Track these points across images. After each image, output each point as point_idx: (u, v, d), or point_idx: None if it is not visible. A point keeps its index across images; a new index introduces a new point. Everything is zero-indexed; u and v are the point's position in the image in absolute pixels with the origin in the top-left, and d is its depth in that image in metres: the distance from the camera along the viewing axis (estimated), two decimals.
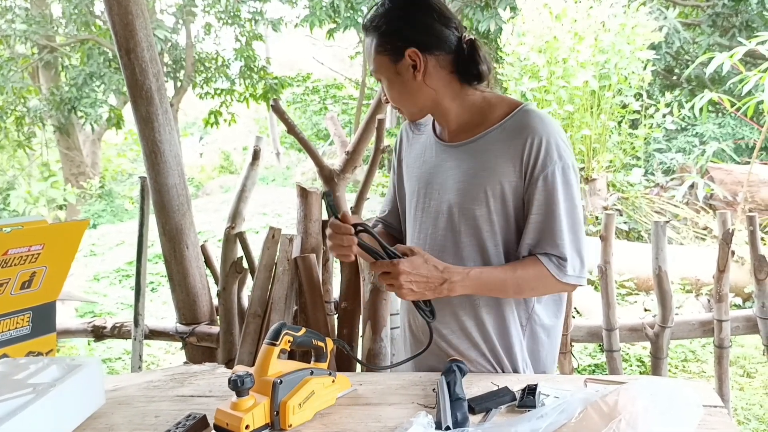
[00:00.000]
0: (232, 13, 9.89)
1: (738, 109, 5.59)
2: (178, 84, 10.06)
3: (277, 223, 7.76)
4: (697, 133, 7.94)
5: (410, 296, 1.23)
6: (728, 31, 8.21)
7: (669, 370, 2.59)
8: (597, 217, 5.91)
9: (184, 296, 2.69)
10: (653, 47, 6.58)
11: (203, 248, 2.71)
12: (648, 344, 2.39)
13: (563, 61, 6.09)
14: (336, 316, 2.25)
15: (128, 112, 3.16)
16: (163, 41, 8.88)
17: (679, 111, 6.35)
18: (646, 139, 6.58)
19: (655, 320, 2.34)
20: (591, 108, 6.26)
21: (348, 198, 3.10)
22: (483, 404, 1.14)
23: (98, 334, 2.90)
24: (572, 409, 1.00)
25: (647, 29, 6.23)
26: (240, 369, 1.10)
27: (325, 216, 2.28)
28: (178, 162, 2.60)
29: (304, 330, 1.19)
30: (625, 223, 6.04)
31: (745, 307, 4.11)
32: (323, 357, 1.25)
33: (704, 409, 1.04)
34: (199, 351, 2.70)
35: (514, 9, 6.90)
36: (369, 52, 1.33)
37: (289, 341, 1.15)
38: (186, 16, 9.68)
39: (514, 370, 1.36)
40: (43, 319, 1.61)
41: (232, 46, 10.03)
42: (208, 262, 2.73)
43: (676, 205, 6.36)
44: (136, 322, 2.66)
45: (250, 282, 2.52)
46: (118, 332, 2.84)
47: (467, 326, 1.34)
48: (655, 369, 2.34)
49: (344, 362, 2.17)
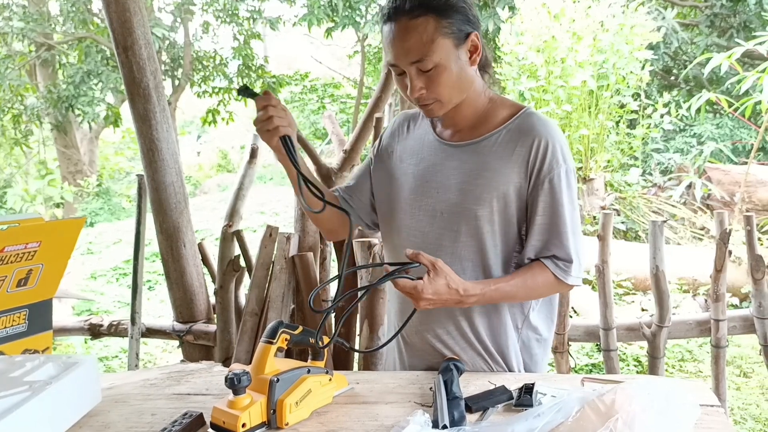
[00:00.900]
0: (230, 12, 9.89)
1: (735, 110, 5.60)
2: (176, 82, 10.06)
3: (274, 222, 7.69)
4: (694, 134, 7.94)
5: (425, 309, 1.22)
6: (726, 32, 8.22)
7: (666, 370, 2.59)
8: (594, 217, 5.91)
9: (181, 294, 2.69)
10: (651, 47, 6.57)
11: (200, 246, 2.70)
12: (645, 344, 2.39)
13: (561, 61, 6.09)
14: (333, 314, 2.25)
15: (126, 110, 3.16)
16: (161, 39, 8.87)
17: (677, 111, 6.35)
18: (643, 139, 6.58)
19: (652, 320, 2.35)
20: (589, 108, 6.26)
21: None
22: (480, 403, 1.14)
23: (95, 332, 2.90)
24: (569, 408, 1.00)
25: (645, 29, 6.22)
26: (237, 367, 1.10)
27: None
28: (175, 160, 2.59)
29: (301, 328, 1.19)
30: (623, 222, 6.04)
31: (742, 307, 4.12)
32: (320, 355, 1.25)
33: (701, 408, 1.04)
34: (196, 349, 2.70)
35: (512, 8, 6.88)
36: (420, 35, 1.17)
37: (286, 339, 1.15)
38: (184, 15, 9.66)
39: (509, 370, 1.36)
40: (39, 316, 1.60)
41: (230, 45, 10.04)
42: (206, 261, 2.72)
43: (673, 205, 6.36)
44: (133, 320, 2.66)
45: (247, 280, 2.52)
46: (115, 330, 2.84)
47: (462, 327, 1.34)
48: (652, 368, 2.34)
49: (341, 361, 2.17)
